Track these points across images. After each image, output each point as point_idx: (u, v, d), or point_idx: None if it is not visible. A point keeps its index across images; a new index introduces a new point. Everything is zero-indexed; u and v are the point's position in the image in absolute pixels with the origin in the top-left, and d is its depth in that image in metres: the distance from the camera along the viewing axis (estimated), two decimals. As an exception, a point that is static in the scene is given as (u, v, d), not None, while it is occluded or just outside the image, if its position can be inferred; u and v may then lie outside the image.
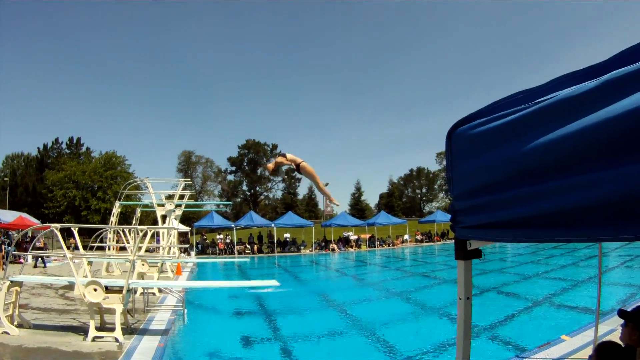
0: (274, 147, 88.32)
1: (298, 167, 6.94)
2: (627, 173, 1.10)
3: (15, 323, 8.67)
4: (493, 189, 1.77)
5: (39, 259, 21.64)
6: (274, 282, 11.58)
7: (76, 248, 9.94)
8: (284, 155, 7.03)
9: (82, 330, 8.41)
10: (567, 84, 1.44)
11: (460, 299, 2.29)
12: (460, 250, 2.25)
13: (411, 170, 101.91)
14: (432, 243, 44.26)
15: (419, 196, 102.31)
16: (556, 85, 1.50)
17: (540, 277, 18.39)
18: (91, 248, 13.92)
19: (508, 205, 1.68)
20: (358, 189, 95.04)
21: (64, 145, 68.97)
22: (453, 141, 2.07)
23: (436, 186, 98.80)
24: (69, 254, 8.93)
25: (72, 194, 47.86)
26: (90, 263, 10.71)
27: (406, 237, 45.38)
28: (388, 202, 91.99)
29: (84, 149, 68.07)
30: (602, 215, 1.25)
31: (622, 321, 3.31)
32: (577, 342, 7.31)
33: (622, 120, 1.12)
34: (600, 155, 1.21)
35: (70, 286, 10.05)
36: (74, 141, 68.95)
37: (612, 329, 6.94)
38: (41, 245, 24.86)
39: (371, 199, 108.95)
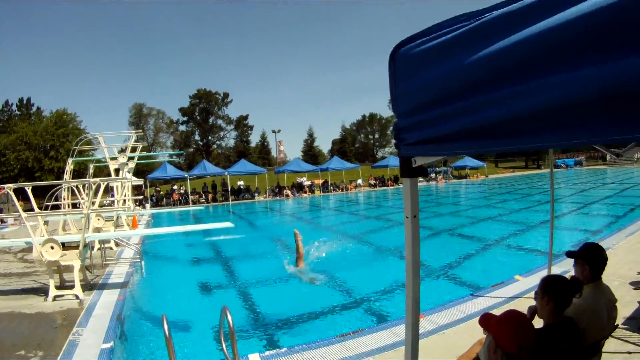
0: (226, 95, 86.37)
1: None
2: (572, 78, 1.13)
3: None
4: (436, 103, 1.77)
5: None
6: (228, 224, 11.70)
7: (31, 209, 9.77)
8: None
9: (43, 291, 8.39)
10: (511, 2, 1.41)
11: (407, 217, 2.26)
12: (405, 168, 2.22)
13: (364, 116, 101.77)
14: (385, 187, 44.59)
15: (371, 142, 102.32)
16: (501, 4, 1.48)
17: (494, 220, 18.50)
18: (46, 208, 13.68)
19: (451, 118, 1.68)
20: (310, 135, 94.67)
21: (14, 107, 65.29)
22: (396, 60, 2.04)
23: (389, 132, 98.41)
24: (24, 214, 8.79)
25: (24, 156, 45.82)
26: (46, 223, 10.58)
27: (359, 182, 45.54)
28: (341, 148, 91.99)
29: (34, 109, 64.81)
30: (546, 122, 1.29)
31: (573, 264, 3.54)
32: (531, 282, 7.51)
33: (567, 27, 1.14)
34: (545, 62, 1.22)
35: (29, 248, 9.97)
36: (24, 102, 65.12)
37: (565, 271, 7.32)
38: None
39: (324, 145, 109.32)
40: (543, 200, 24.00)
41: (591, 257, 3.36)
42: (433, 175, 51.11)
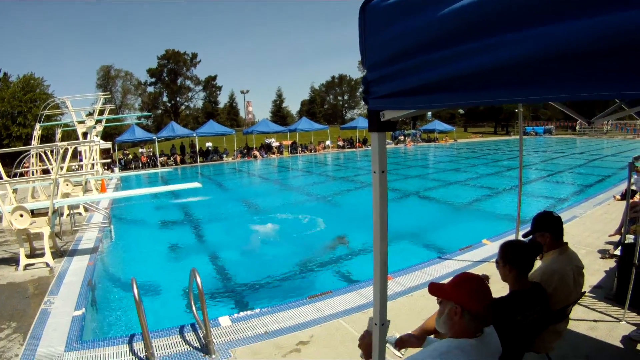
0: (194, 56, 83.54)
1: None
2: (545, 33, 1.12)
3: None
4: (406, 55, 1.70)
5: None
6: (196, 184, 11.67)
7: None
8: None
9: (14, 261, 8.28)
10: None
11: (374, 172, 2.15)
12: (373, 122, 2.12)
13: (333, 77, 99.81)
14: (353, 149, 44.21)
15: (340, 103, 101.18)
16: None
17: (462, 184, 18.53)
18: (15, 175, 13.35)
19: (420, 70, 1.63)
20: (279, 95, 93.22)
21: None
22: (367, 13, 1.96)
23: (358, 93, 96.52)
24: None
25: (-9, 123, 44.22)
26: (15, 191, 10.36)
27: (328, 143, 45.14)
28: (310, 109, 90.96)
29: (0, 74, 61.80)
30: (510, 77, 1.28)
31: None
32: (498, 246, 7.63)
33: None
34: (512, 18, 1.22)
35: (-1, 219, 9.80)
36: None
37: (532, 236, 7.59)
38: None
39: (293, 106, 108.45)
40: (512, 166, 23.89)
41: (544, 225, 3.35)
42: (402, 137, 51.15)
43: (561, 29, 1.09)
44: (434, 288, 2.35)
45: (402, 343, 2.89)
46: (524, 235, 3.51)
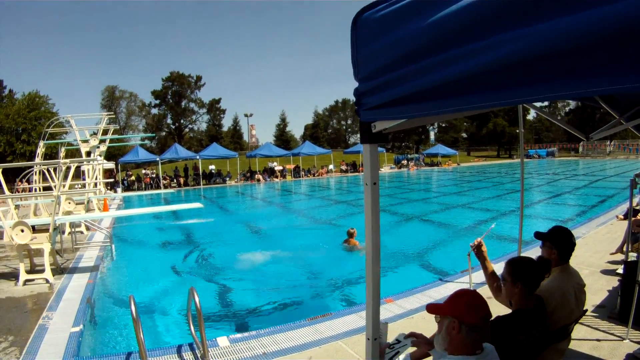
0: (198, 78, 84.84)
1: None
2: (527, 34, 1.16)
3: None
4: (395, 65, 1.76)
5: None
6: (197, 205, 11.70)
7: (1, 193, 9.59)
8: None
9: (13, 276, 8.32)
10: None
11: (366, 184, 2.21)
12: (365, 133, 2.20)
13: (336, 102, 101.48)
14: (356, 173, 44.19)
15: (344, 127, 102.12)
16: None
17: (464, 207, 18.36)
18: (17, 192, 13.45)
19: (409, 79, 1.68)
20: (283, 119, 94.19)
21: None
22: (358, 26, 2.03)
23: None
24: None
25: (-4, 139, 44.71)
26: (17, 207, 10.43)
27: (331, 167, 45.30)
28: (313, 133, 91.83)
29: (6, 91, 62.52)
30: (496, 80, 1.32)
31: (540, 245, 3.46)
32: (499, 268, 7.34)
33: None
34: (503, 18, 1.25)
35: (0, 234, 9.82)
36: None
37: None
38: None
39: (296, 130, 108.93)
40: (514, 189, 23.76)
41: (559, 241, 3.27)
42: (405, 162, 51.53)
43: (542, 29, 1.13)
44: (432, 307, 2.37)
45: (413, 336, 2.86)
46: (536, 234, 3.45)
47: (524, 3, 1.19)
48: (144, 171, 37.66)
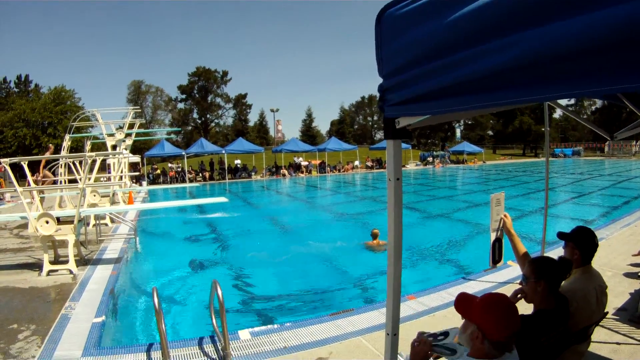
0: (225, 73, 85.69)
1: None
2: (554, 30, 1.15)
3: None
4: (420, 61, 1.77)
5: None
6: (223, 199, 11.73)
7: (27, 184, 9.74)
8: None
9: (37, 266, 8.40)
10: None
11: (389, 180, 2.22)
12: (389, 129, 2.20)
13: (363, 98, 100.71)
14: (382, 169, 42.98)
15: (370, 123, 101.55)
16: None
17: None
18: (37, 181, 13.66)
19: (434, 75, 1.69)
20: (309, 115, 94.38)
21: (12, 84, 63.94)
22: (382, 23, 2.02)
23: None
24: (19, 189, 8.75)
25: (22, 133, 45.45)
26: (42, 199, 10.59)
27: (356, 163, 45.18)
28: (339, 129, 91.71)
29: (32, 85, 63.95)
30: (522, 76, 1.31)
31: (563, 246, 3.42)
32: (518, 271, 7.05)
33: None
34: (517, 20, 1.26)
35: (25, 225, 9.94)
36: (22, 79, 63.84)
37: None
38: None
39: (322, 125, 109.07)
40: (539, 188, 23.19)
41: (582, 241, 3.25)
42: (430, 159, 51.21)
43: (568, 27, 1.11)
44: (461, 303, 2.28)
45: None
46: (559, 234, 3.41)
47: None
48: (169, 165, 38.09)
